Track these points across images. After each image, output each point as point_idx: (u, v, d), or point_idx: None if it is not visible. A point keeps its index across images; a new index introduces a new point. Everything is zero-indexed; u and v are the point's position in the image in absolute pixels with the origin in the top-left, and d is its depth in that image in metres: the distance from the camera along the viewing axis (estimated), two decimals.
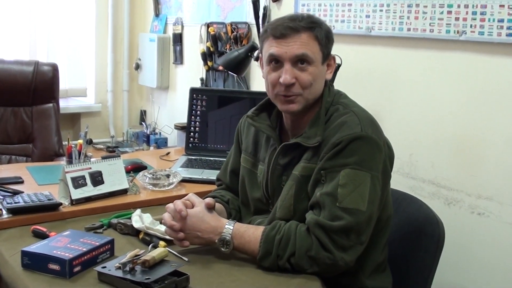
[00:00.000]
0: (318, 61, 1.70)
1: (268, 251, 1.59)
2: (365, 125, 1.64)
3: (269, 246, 1.59)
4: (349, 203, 1.57)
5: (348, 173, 1.59)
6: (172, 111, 4.13)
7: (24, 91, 3.40)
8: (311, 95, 1.71)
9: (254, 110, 1.87)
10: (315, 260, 1.56)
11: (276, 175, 1.77)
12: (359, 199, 1.58)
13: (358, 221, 1.57)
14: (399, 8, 2.39)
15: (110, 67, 4.43)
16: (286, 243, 1.58)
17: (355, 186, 1.59)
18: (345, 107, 1.72)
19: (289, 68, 1.68)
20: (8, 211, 1.94)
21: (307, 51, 1.67)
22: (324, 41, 1.70)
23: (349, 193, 1.58)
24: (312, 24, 1.69)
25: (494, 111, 2.12)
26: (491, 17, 2.06)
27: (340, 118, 1.68)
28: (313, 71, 1.68)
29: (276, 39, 1.69)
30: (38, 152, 3.36)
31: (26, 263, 1.57)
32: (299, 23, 1.68)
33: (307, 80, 1.68)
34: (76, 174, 2.10)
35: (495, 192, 2.13)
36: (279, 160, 1.77)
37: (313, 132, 1.69)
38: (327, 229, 1.56)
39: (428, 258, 1.82)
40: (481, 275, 2.19)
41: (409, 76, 2.43)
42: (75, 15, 4.36)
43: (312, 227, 1.58)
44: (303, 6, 2.85)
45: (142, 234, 1.79)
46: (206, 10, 3.69)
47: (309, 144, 1.68)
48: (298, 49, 1.67)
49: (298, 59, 1.67)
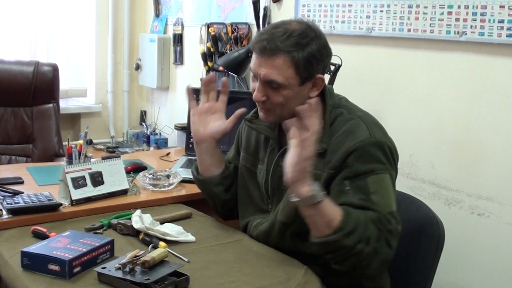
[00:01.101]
0: (293, 85, 1.64)
1: (354, 229, 1.52)
2: (373, 130, 1.65)
3: (354, 225, 1.52)
4: (384, 207, 1.58)
5: (375, 179, 1.60)
6: (172, 111, 4.13)
7: (24, 91, 3.40)
8: (285, 112, 1.69)
9: (253, 113, 1.88)
10: (378, 254, 1.55)
11: (277, 177, 1.77)
12: (390, 201, 1.61)
13: (398, 221, 1.60)
14: (400, 9, 2.39)
15: (110, 67, 4.43)
16: (366, 227, 1.53)
17: (384, 189, 1.61)
18: (349, 111, 1.72)
19: (261, 86, 1.67)
20: (8, 212, 1.94)
21: (277, 77, 1.62)
22: (303, 64, 1.62)
23: (381, 198, 1.59)
24: (293, 47, 1.61)
25: (494, 112, 2.12)
26: (491, 17, 2.07)
27: (346, 124, 1.68)
28: (286, 93, 1.65)
29: (256, 54, 1.66)
30: (38, 152, 3.36)
31: (26, 263, 1.57)
32: (279, 43, 1.61)
33: (277, 101, 1.66)
34: (76, 174, 2.10)
35: (495, 193, 2.13)
36: (280, 163, 1.74)
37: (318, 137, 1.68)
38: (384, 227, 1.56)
39: (428, 259, 1.82)
40: (481, 276, 2.19)
41: (409, 77, 2.43)
42: (75, 15, 4.36)
43: (376, 222, 1.56)
44: (304, 6, 2.85)
45: (142, 235, 1.79)
46: (206, 11, 3.69)
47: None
48: (268, 73, 1.63)
49: (269, 82, 1.64)
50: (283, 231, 1.74)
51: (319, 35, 1.67)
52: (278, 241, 1.77)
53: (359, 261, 1.54)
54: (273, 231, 1.77)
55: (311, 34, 1.65)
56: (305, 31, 1.64)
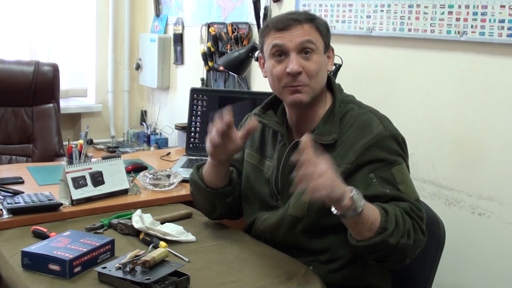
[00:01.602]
0: (321, 50, 1.74)
1: (396, 226, 1.51)
2: (386, 123, 1.71)
3: (394, 223, 1.51)
4: (412, 195, 1.64)
5: (398, 169, 1.64)
6: (173, 111, 4.13)
7: (24, 91, 3.40)
8: (317, 85, 1.73)
9: (261, 108, 1.89)
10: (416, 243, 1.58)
11: (287, 172, 1.76)
12: (414, 189, 1.67)
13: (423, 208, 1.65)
14: (400, 9, 2.39)
15: (111, 67, 4.42)
16: (404, 221, 1.54)
17: (407, 178, 1.66)
18: (360, 107, 1.77)
19: (295, 57, 1.70)
20: (9, 212, 1.94)
21: (311, 38, 1.71)
22: (324, 31, 1.75)
23: (407, 187, 1.64)
24: (312, 16, 1.75)
25: (495, 112, 2.12)
26: (491, 17, 2.06)
27: (358, 118, 1.72)
28: (317, 59, 1.72)
29: (279, 31, 1.72)
30: (38, 152, 3.36)
31: (27, 263, 1.57)
32: (300, 15, 1.74)
33: (313, 69, 1.71)
34: (77, 174, 2.10)
35: (496, 193, 2.13)
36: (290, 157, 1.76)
37: (328, 129, 1.71)
38: (418, 216, 1.61)
39: (428, 258, 1.82)
40: (482, 276, 2.19)
41: (410, 77, 2.43)
42: (76, 15, 4.36)
43: (409, 211, 1.59)
44: (304, 6, 2.84)
45: (143, 235, 1.79)
46: (206, 10, 3.69)
47: (324, 141, 1.68)
48: (302, 36, 1.70)
49: (303, 48, 1.71)
50: (294, 225, 1.74)
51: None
52: (285, 236, 1.76)
53: (403, 255, 1.57)
54: (282, 225, 1.76)
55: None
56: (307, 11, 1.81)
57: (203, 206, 1.97)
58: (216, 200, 1.90)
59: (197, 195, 1.95)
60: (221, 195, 1.88)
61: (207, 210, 1.97)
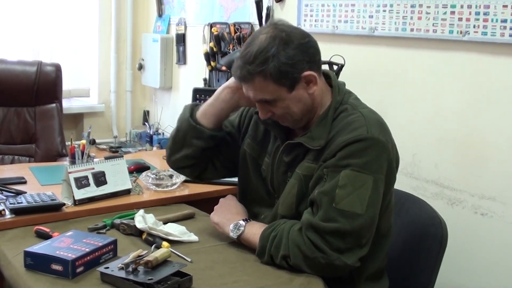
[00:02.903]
0: (283, 94, 1.65)
1: (263, 248, 1.63)
2: (371, 127, 1.62)
3: (264, 243, 1.63)
4: (345, 205, 1.55)
5: (348, 174, 1.57)
6: (175, 111, 4.13)
7: (27, 91, 3.40)
8: (297, 117, 1.70)
9: None
10: (310, 260, 1.56)
11: (281, 172, 1.77)
12: (356, 202, 1.56)
13: (353, 225, 1.55)
14: (402, 9, 2.39)
15: (113, 67, 4.43)
16: (279, 243, 1.60)
17: (355, 188, 1.56)
18: (353, 107, 1.71)
19: (260, 106, 1.72)
20: (11, 212, 1.94)
21: (265, 95, 1.66)
22: (278, 76, 1.62)
23: (347, 195, 1.56)
24: (261, 65, 1.61)
25: (498, 111, 2.12)
26: (494, 17, 2.06)
27: (347, 119, 1.67)
28: (282, 104, 1.67)
29: (238, 80, 1.72)
30: (41, 152, 3.36)
31: (29, 263, 1.57)
32: (249, 67, 1.64)
33: (281, 113, 1.69)
34: (79, 174, 2.10)
35: (498, 193, 2.13)
36: (284, 158, 1.76)
37: (318, 132, 1.68)
38: (320, 231, 1.55)
39: (431, 258, 1.81)
40: (484, 275, 2.19)
41: (413, 77, 2.42)
42: (78, 15, 4.37)
43: (305, 228, 1.58)
44: (306, 6, 2.84)
45: (145, 235, 1.79)
46: (209, 11, 3.69)
47: (311, 146, 1.67)
48: (256, 95, 1.68)
49: (262, 101, 1.69)
50: None
51: (286, 38, 1.63)
52: None
53: (304, 270, 1.59)
54: None
55: (276, 41, 1.62)
56: (270, 40, 1.63)
57: (175, 141, 1.92)
58: (187, 138, 1.87)
59: (177, 130, 1.91)
60: (194, 131, 1.85)
61: (176, 146, 1.92)
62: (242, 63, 1.67)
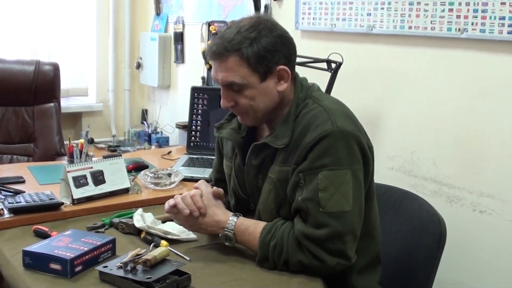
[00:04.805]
0: (254, 82, 1.59)
1: (265, 257, 1.58)
2: (335, 118, 1.57)
3: (265, 252, 1.58)
4: (332, 207, 1.53)
5: (326, 175, 1.53)
6: (174, 110, 4.13)
7: (25, 90, 3.40)
8: (258, 113, 1.64)
9: (227, 116, 1.83)
10: (311, 268, 1.55)
11: (252, 175, 1.74)
12: (342, 200, 1.53)
13: (345, 223, 1.53)
14: (400, 6, 2.39)
15: (111, 66, 4.43)
16: (280, 251, 1.56)
17: (336, 187, 1.53)
18: (314, 101, 1.66)
19: (225, 92, 1.63)
20: (10, 211, 1.94)
21: (234, 78, 1.58)
22: (256, 59, 1.57)
23: (330, 196, 1.53)
24: (241, 44, 1.56)
25: (496, 109, 2.12)
26: (492, 14, 2.06)
27: (307, 115, 1.62)
28: (250, 93, 1.60)
29: (211, 59, 1.63)
30: (39, 151, 3.36)
31: (28, 263, 1.57)
32: (227, 44, 1.57)
33: (245, 103, 1.62)
34: (78, 173, 2.10)
35: (497, 190, 2.13)
36: (252, 161, 1.72)
37: (282, 132, 1.63)
38: (316, 239, 1.53)
39: (430, 256, 1.81)
40: (483, 273, 2.19)
41: (411, 74, 2.42)
42: (76, 14, 4.37)
43: (301, 239, 1.54)
44: (304, 4, 2.84)
45: (144, 234, 1.79)
46: (207, 9, 3.68)
47: (276, 145, 1.63)
48: (225, 77, 1.60)
49: (229, 85, 1.61)
50: None
51: (271, 26, 1.60)
52: None
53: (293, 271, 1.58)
54: None
55: (260, 26, 1.59)
56: (254, 25, 1.59)
57: None
58: None
59: None
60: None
61: None
62: (220, 40, 1.59)
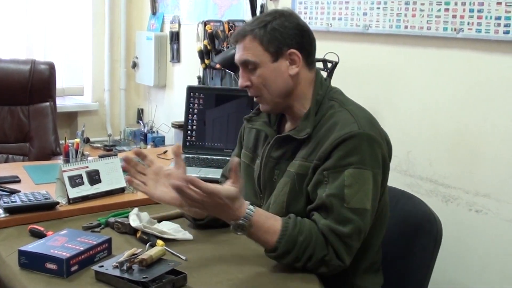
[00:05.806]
0: (266, 62, 1.69)
1: (289, 251, 1.55)
2: (361, 122, 1.63)
3: (291, 246, 1.54)
4: (356, 203, 1.57)
5: (352, 173, 1.58)
6: (169, 109, 4.13)
7: (20, 90, 3.39)
8: (271, 95, 1.71)
9: (255, 110, 1.88)
10: (328, 265, 1.56)
11: (269, 168, 1.77)
12: (364, 198, 1.58)
13: (364, 221, 1.58)
14: (396, 6, 2.39)
15: (107, 65, 4.42)
16: (307, 246, 1.55)
17: (360, 185, 1.58)
18: (340, 104, 1.71)
19: (242, 72, 1.73)
20: (5, 211, 1.93)
21: (248, 56, 1.69)
22: (266, 39, 1.67)
23: (355, 193, 1.57)
24: (256, 25, 1.69)
25: (492, 109, 2.12)
26: (488, 14, 2.07)
27: (334, 116, 1.67)
28: (261, 72, 1.69)
29: (234, 44, 1.77)
30: (35, 151, 3.35)
31: (23, 262, 1.56)
32: (248, 26, 1.71)
33: (257, 83, 1.70)
34: (73, 173, 2.10)
35: (492, 190, 2.13)
36: (272, 153, 1.76)
37: (304, 125, 1.69)
38: (341, 235, 1.55)
39: (425, 256, 1.82)
40: (479, 272, 2.19)
41: (407, 74, 2.43)
42: (72, 13, 4.36)
43: (327, 234, 1.55)
44: (300, 3, 2.84)
45: (140, 233, 1.79)
46: (203, 8, 3.68)
47: (298, 136, 1.68)
48: (240, 56, 1.71)
49: (245, 64, 1.71)
50: None
51: (288, 15, 1.72)
52: None
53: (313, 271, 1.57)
54: None
55: (277, 14, 1.71)
56: (272, 12, 1.73)
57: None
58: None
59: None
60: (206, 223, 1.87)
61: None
62: (242, 26, 1.75)
